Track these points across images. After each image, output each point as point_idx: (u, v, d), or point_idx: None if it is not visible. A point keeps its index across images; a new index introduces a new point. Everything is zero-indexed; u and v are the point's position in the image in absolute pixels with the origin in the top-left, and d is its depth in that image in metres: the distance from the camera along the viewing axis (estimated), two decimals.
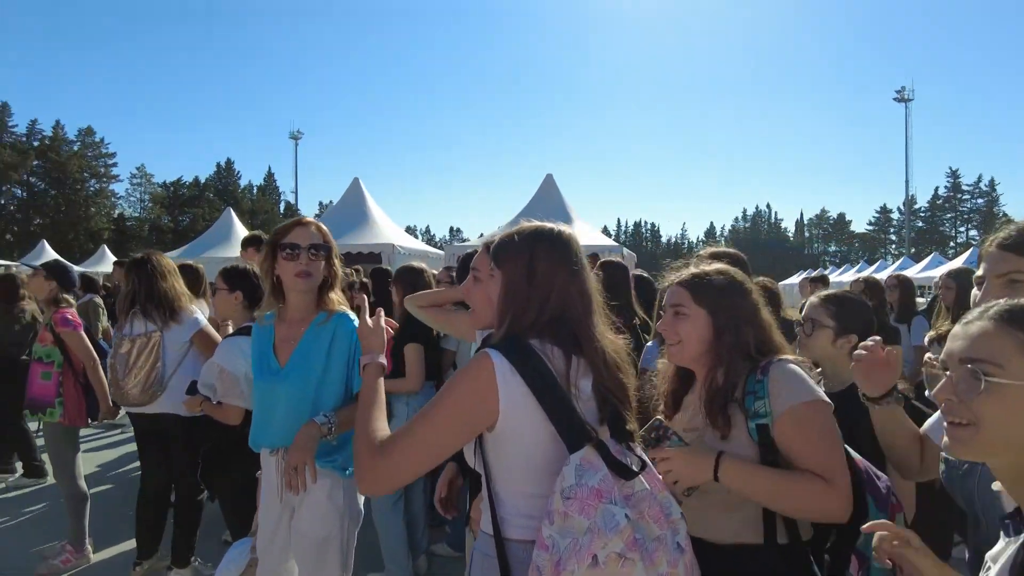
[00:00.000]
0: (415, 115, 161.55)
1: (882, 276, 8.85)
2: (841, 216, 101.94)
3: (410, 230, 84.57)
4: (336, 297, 2.36)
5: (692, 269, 1.73)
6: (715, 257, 2.33)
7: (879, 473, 1.65)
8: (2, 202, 50.57)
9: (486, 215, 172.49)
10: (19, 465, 5.66)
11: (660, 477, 1.42)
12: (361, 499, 2.41)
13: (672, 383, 1.78)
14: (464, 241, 45.26)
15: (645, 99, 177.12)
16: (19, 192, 51.49)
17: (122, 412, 4.01)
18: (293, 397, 2.25)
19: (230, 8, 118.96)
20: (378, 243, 15.10)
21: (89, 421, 4.05)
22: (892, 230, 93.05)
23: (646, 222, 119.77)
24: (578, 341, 1.42)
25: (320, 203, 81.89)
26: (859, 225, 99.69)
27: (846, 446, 1.59)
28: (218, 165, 68.24)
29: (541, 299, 1.43)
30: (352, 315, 2.33)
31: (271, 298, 2.35)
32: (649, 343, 3.23)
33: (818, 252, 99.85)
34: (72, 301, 4.20)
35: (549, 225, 1.54)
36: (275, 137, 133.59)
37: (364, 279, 6.42)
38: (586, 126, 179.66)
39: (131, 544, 3.93)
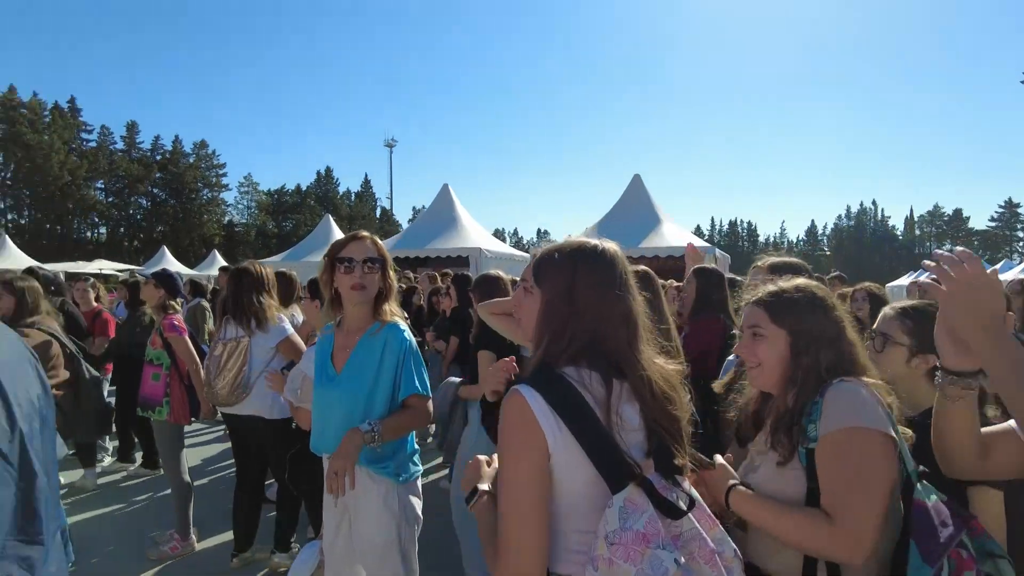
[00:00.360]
0: (504, 118, 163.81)
1: (1006, 277, 7.95)
2: (957, 212, 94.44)
3: (498, 233, 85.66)
4: (389, 308, 2.43)
5: (770, 287, 1.64)
6: (774, 269, 2.21)
7: (952, 519, 1.37)
8: (130, 211, 55.23)
9: (574, 217, 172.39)
10: (138, 456, 6.17)
11: (710, 513, 1.29)
12: (419, 504, 2.47)
13: (756, 403, 1.70)
14: (553, 243, 45.25)
15: (740, 94, 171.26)
16: (144, 202, 56.17)
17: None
18: (347, 403, 2.34)
19: (329, 27, 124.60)
20: (466, 247, 15.38)
21: (192, 419, 4.37)
22: (1020, 226, 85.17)
23: (742, 221, 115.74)
24: (620, 368, 1.31)
25: (413, 208, 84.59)
26: (978, 221, 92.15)
27: (923, 482, 1.43)
28: (318, 173, 71.77)
29: (580, 322, 1.31)
30: (403, 325, 2.42)
31: (331, 309, 2.46)
32: (730, 357, 3.11)
33: (930, 251, 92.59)
34: (178, 307, 4.54)
35: (593, 242, 1.42)
36: (371, 146, 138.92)
37: (447, 284, 6.54)
38: (677, 124, 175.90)
39: (231, 535, 4.20)
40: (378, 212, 77.28)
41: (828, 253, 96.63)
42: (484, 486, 1.42)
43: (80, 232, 52.72)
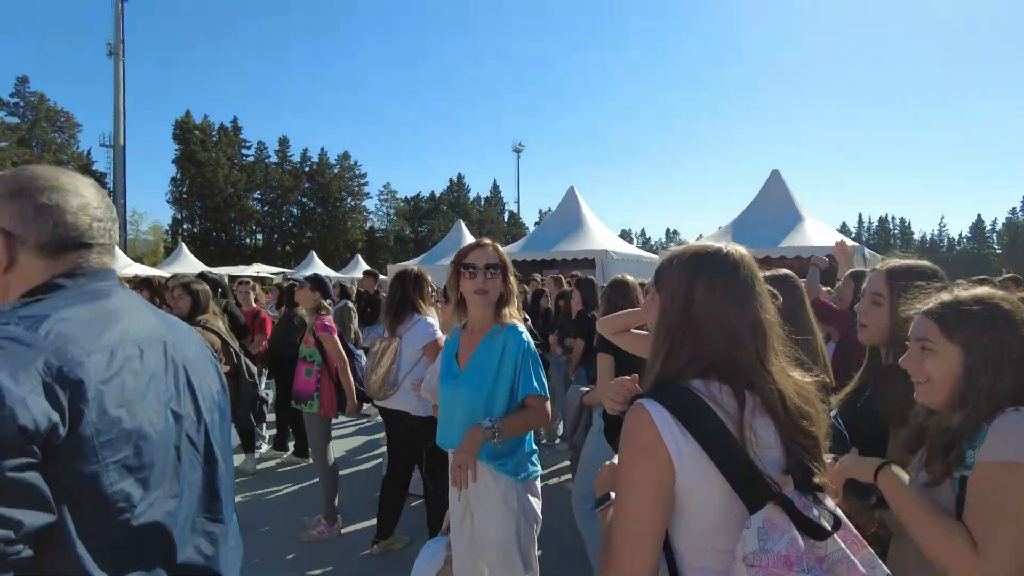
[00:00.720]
0: (631, 117, 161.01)
1: None
2: None
3: (624, 235, 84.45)
4: (510, 311, 2.54)
5: (944, 296, 1.49)
6: (896, 275, 1.95)
7: None
8: (283, 219, 60.27)
9: (705, 215, 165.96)
10: (291, 445, 6.73)
11: (856, 533, 1.19)
12: (538, 504, 2.51)
13: (924, 416, 1.57)
14: (682, 244, 43.83)
15: (888, 77, 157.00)
16: (295, 211, 61.03)
17: (366, 406, 4.62)
18: (469, 400, 2.45)
19: (461, 43, 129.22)
20: (592, 249, 15.28)
21: (338, 413, 4.70)
22: None
23: (893, 217, 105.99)
24: (751, 381, 1.23)
25: (540, 210, 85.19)
26: None
27: None
28: (451, 180, 74.39)
29: (701, 333, 1.25)
30: (522, 327, 2.50)
31: (457, 312, 2.62)
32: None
33: None
34: (329, 308, 4.92)
35: (715, 246, 1.33)
36: (500, 151, 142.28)
37: (571, 287, 6.55)
38: (817, 116, 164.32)
39: (372, 523, 4.47)
40: (506, 216, 78.90)
41: (999, 251, 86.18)
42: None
43: (240, 239, 58.23)
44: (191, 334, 1.34)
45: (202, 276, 5.68)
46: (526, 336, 2.50)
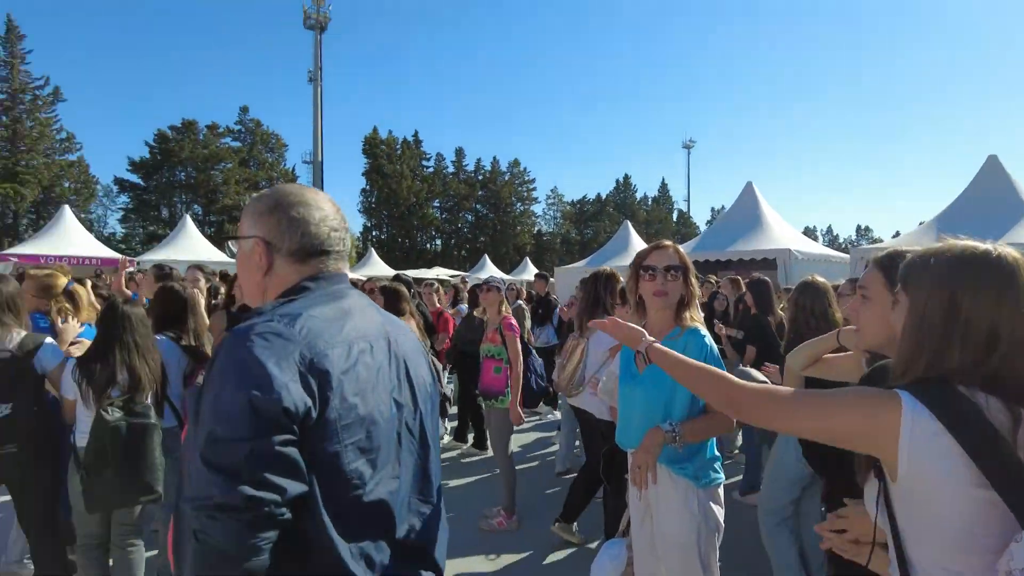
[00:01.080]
0: (812, 107, 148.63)
1: None
2: None
3: (808, 232, 78.30)
4: (690, 314, 2.50)
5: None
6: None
7: None
8: (459, 226, 63.64)
9: (902, 209, 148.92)
10: (470, 437, 7.09)
11: None
12: (720, 512, 2.43)
13: None
14: (875, 242, 39.91)
15: None
16: (469, 217, 64.14)
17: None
18: (646, 402, 2.44)
19: (625, 42, 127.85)
20: (772, 248, 14.38)
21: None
22: None
23: None
24: (1022, 396, 1.13)
25: (712, 209, 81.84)
26: None
27: None
28: (617, 181, 73.81)
29: (968, 341, 1.16)
30: (703, 330, 2.45)
31: (636, 313, 2.63)
32: None
33: None
34: (510, 308, 5.13)
35: (983, 247, 1.21)
36: (668, 149, 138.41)
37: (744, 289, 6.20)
38: None
39: (547, 519, 4.59)
40: (675, 215, 76.71)
41: None
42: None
43: (422, 244, 62.32)
44: (408, 331, 1.48)
45: (397, 278, 6.17)
46: (708, 339, 2.45)
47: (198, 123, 51.88)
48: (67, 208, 24.46)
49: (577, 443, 6.53)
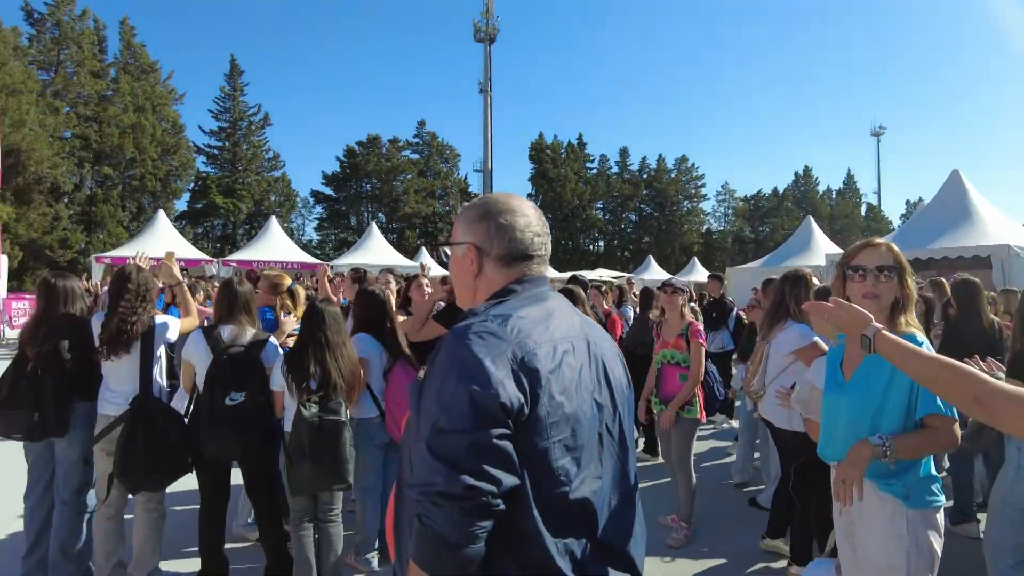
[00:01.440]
0: None
1: None
2: None
3: None
4: (906, 319, 2.28)
5: None
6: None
7: None
8: (622, 226, 63.01)
9: None
10: (640, 441, 7.00)
11: None
12: (937, 541, 2.18)
13: None
14: None
15: None
16: (633, 217, 63.25)
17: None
18: (852, 412, 2.26)
19: (797, 11, 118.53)
20: (986, 245, 12.58)
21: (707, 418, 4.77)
22: None
23: None
24: None
25: (908, 201, 73.09)
26: None
27: None
28: (796, 174, 68.78)
29: None
30: (921, 337, 2.22)
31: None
32: None
33: None
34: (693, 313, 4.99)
35: None
36: (854, 137, 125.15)
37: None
38: None
39: (721, 531, 4.41)
40: (863, 209, 69.75)
41: None
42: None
43: (584, 245, 62.47)
44: (604, 333, 1.52)
45: (574, 279, 6.25)
46: (927, 347, 2.20)
47: (381, 138, 56.44)
48: (274, 219, 27.94)
49: (756, 454, 6.23)
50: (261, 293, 4.71)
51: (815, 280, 4.22)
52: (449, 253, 1.54)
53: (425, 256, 27.31)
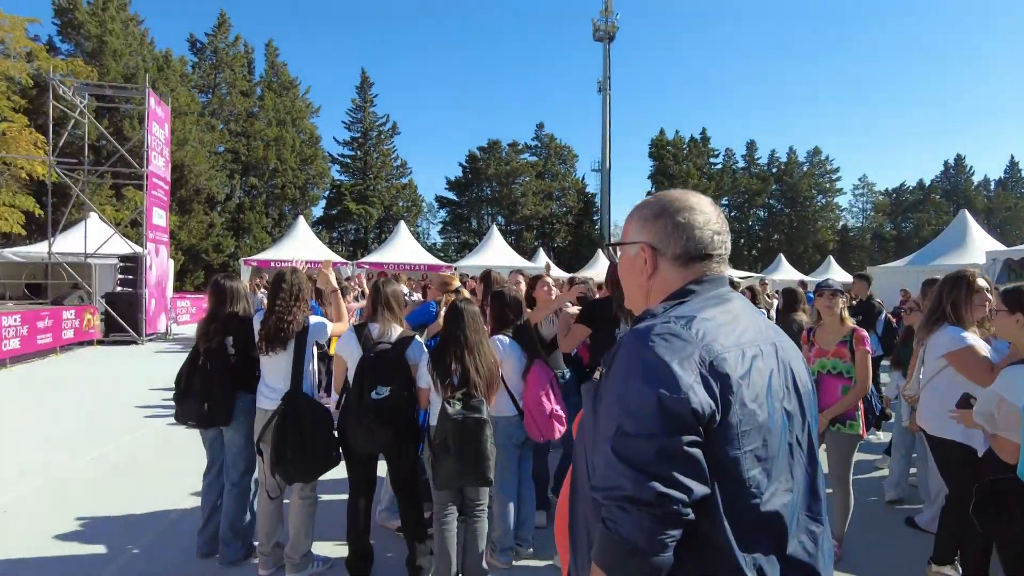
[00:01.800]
0: None
1: None
2: None
3: None
4: None
5: None
6: None
7: None
8: (749, 223, 60.13)
9: None
10: None
11: None
12: None
13: None
14: None
15: None
16: (761, 214, 60.18)
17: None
18: None
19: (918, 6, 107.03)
20: None
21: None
22: None
23: None
24: None
25: None
26: None
27: None
28: (945, 163, 62.61)
29: None
30: None
31: None
32: None
33: None
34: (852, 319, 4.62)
35: None
36: (1017, 119, 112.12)
37: None
38: None
39: (870, 548, 4.05)
40: None
41: None
42: None
43: None
44: (789, 338, 1.42)
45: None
46: None
47: (501, 142, 57.48)
48: (403, 224, 29.25)
49: (912, 470, 5.71)
50: (432, 289, 5.74)
51: (980, 281, 3.72)
52: (619, 253, 1.49)
53: (542, 257, 27.48)
